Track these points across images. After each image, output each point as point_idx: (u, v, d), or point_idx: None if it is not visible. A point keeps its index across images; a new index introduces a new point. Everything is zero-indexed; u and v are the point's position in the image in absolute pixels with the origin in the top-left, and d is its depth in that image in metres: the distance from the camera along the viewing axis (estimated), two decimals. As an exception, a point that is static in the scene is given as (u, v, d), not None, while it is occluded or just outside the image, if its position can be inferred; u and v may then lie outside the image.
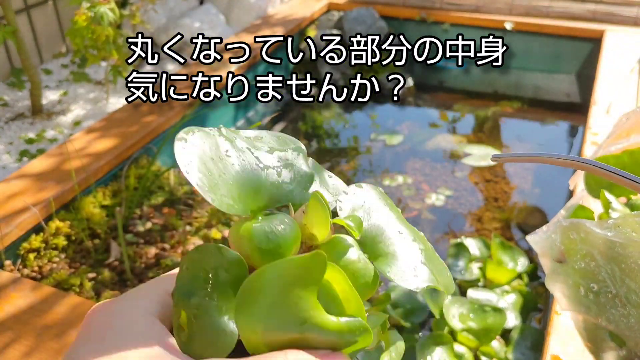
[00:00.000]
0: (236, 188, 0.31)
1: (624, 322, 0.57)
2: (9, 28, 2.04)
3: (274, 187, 0.32)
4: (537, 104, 2.89)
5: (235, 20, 3.25)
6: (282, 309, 0.27)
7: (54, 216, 1.54)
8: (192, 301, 0.28)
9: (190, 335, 0.28)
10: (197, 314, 0.28)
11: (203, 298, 0.28)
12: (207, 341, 0.27)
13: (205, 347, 0.27)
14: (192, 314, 0.28)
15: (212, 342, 0.27)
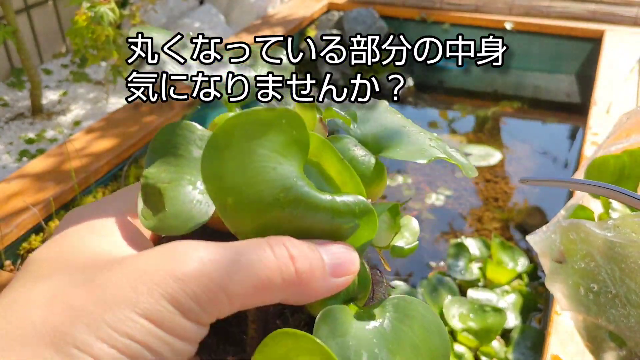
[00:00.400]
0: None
1: (624, 322, 0.57)
2: (9, 28, 2.04)
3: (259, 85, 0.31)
4: (537, 104, 2.89)
5: (235, 20, 3.25)
6: (255, 173, 0.23)
7: (54, 216, 1.54)
8: (163, 177, 0.25)
9: (160, 210, 0.25)
10: (167, 187, 0.25)
11: (174, 173, 0.26)
12: (179, 213, 0.25)
13: (177, 219, 0.24)
14: (161, 188, 0.25)
15: (184, 216, 0.24)
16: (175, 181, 0.25)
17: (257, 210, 0.23)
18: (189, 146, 0.26)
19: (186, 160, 0.26)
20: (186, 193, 0.25)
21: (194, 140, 0.27)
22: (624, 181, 0.67)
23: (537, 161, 2.39)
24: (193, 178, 0.26)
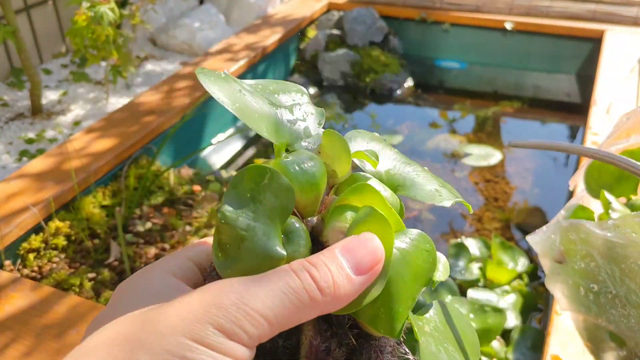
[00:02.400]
0: (261, 121, 0.31)
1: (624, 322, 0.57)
2: (8, 28, 2.03)
3: (290, 123, 0.33)
4: (537, 104, 2.89)
5: (235, 20, 3.25)
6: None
7: (54, 216, 1.54)
8: (240, 222, 0.27)
9: (233, 257, 0.27)
10: (244, 236, 0.27)
11: (250, 220, 0.27)
12: (252, 264, 0.27)
13: (249, 270, 0.27)
14: (238, 234, 0.27)
15: (258, 266, 0.27)
16: (252, 230, 0.27)
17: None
18: (267, 193, 0.28)
19: (263, 207, 0.28)
20: (261, 246, 0.27)
21: (274, 189, 0.28)
22: (624, 181, 0.67)
23: (537, 161, 2.39)
24: (267, 228, 0.28)
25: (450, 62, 3.19)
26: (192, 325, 0.24)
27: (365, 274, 0.27)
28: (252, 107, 0.31)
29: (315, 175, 0.30)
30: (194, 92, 2.15)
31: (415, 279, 0.29)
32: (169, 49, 3.04)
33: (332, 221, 0.30)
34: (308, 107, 0.34)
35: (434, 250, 0.31)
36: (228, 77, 0.33)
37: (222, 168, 2.25)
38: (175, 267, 0.31)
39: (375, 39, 3.05)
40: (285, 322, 0.26)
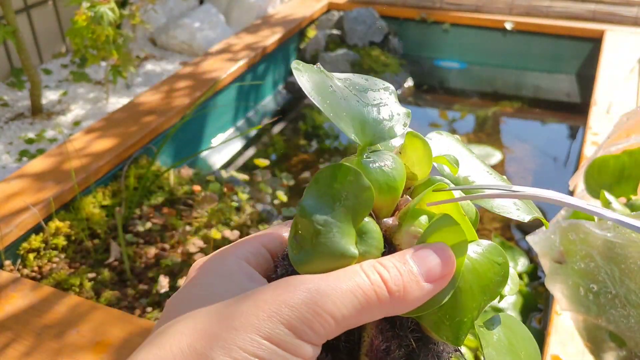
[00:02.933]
0: (349, 119, 0.31)
1: (624, 323, 0.57)
2: (8, 28, 2.03)
3: (376, 123, 0.33)
4: (537, 104, 2.89)
5: (235, 20, 3.25)
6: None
7: (54, 216, 1.54)
8: (318, 217, 0.28)
9: (307, 251, 0.28)
10: (320, 231, 0.28)
11: (328, 216, 0.28)
12: (324, 261, 0.28)
13: (320, 265, 0.27)
14: (314, 229, 0.28)
15: (330, 263, 0.27)
16: (328, 226, 0.28)
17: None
18: (349, 192, 0.28)
19: (342, 206, 0.28)
20: (335, 243, 0.28)
21: (354, 188, 0.28)
22: (624, 181, 0.67)
23: (537, 161, 2.39)
24: (343, 226, 0.28)
25: (450, 62, 3.19)
26: (264, 323, 0.25)
27: (435, 282, 0.28)
28: (341, 106, 0.32)
29: (395, 177, 0.30)
30: (194, 92, 2.15)
31: (484, 290, 0.30)
32: (169, 49, 3.04)
33: (406, 225, 0.30)
34: (395, 106, 0.34)
35: (506, 264, 0.31)
36: (320, 72, 0.33)
37: (222, 168, 2.25)
38: (249, 253, 0.32)
39: (375, 39, 3.05)
40: (353, 322, 0.27)
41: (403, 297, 0.27)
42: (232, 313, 0.26)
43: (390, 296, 0.27)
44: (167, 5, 3.12)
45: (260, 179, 1.86)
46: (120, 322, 1.18)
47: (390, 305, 0.27)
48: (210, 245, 1.56)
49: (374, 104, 0.34)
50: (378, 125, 0.32)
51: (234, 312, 0.26)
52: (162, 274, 1.46)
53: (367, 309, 0.27)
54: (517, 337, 0.32)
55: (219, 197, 1.74)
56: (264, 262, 0.32)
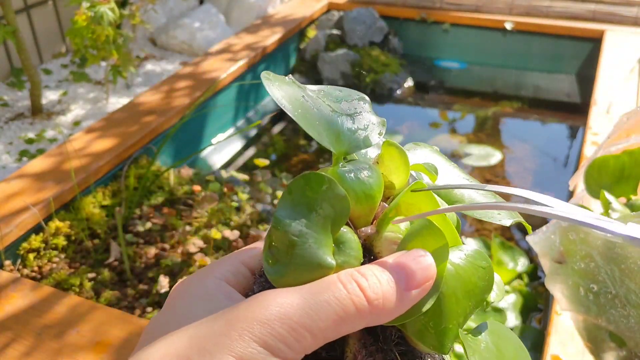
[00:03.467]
0: (322, 128, 0.31)
1: (624, 323, 0.57)
2: (8, 28, 2.03)
3: (350, 132, 0.32)
4: (537, 104, 2.89)
5: (235, 20, 3.25)
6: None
7: (54, 216, 1.54)
8: (292, 227, 0.27)
9: (282, 263, 0.27)
10: (295, 242, 0.27)
11: (303, 227, 0.27)
12: (301, 272, 0.27)
13: (297, 278, 0.27)
14: (289, 241, 0.27)
15: (307, 275, 0.27)
16: (304, 237, 0.27)
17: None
18: (323, 202, 0.28)
19: (317, 215, 0.28)
20: (312, 254, 0.27)
21: (329, 198, 0.28)
22: (624, 181, 0.67)
23: (537, 161, 2.39)
24: (319, 237, 0.27)
25: (450, 62, 3.19)
26: (237, 342, 0.24)
27: (416, 289, 0.27)
28: (314, 115, 0.31)
29: (372, 186, 0.30)
30: (194, 92, 2.15)
31: (469, 296, 0.29)
32: (169, 49, 3.04)
33: (385, 232, 0.29)
34: (369, 116, 0.34)
35: (490, 269, 0.30)
36: (292, 83, 0.33)
37: (222, 168, 2.25)
38: (229, 273, 0.31)
39: (375, 39, 3.05)
40: (330, 334, 0.26)
41: (382, 306, 0.26)
42: (204, 334, 0.25)
43: (369, 305, 0.26)
44: (167, 5, 3.12)
45: (260, 179, 1.86)
46: (120, 322, 1.18)
47: (370, 315, 0.26)
48: (210, 245, 1.56)
49: (348, 113, 0.33)
50: (353, 135, 0.32)
51: (205, 333, 0.25)
52: (162, 274, 1.46)
53: (346, 320, 0.26)
54: (507, 345, 0.31)
55: (219, 197, 1.74)
56: (244, 280, 0.31)
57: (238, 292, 0.30)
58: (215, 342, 0.25)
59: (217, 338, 0.25)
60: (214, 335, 0.25)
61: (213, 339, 0.25)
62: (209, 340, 0.25)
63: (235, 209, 1.72)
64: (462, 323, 0.29)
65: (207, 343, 0.25)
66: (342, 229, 0.29)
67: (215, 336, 0.25)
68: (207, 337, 0.25)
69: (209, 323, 0.26)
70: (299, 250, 0.27)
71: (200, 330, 0.26)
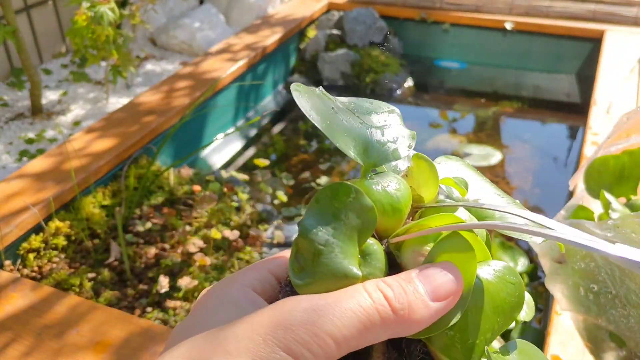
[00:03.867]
0: (350, 140, 0.31)
1: (624, 323, 0.57)
2: (8, 28, 2.04)
3: (379, 145, 0.32)
4: (537, 104, 2.89)
5: (235, 20, 3.25)
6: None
7: (54, 216, 1.54)
8: (319, 236, 0.27)
9: (308, 272, 0.27)
10: (321, 251, 0.27)
11: (330, 236, 0.27)
12: (326, 282, 0.27)
13: (322, 287, 0.27)
14: (315, 249, 0.27)
15: (332, 284, 0.27)
16: (330, 246, 0.27)
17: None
18: (350, 212, 0.28)
19: (344, 225, 0.28)
20: (337, 264, 0.27)
21: (356, 208, 0.28)
22: (624, 181, 0.67)
23: (537, 161, 2.39)
24: (345, 247, 0.27)
25: (450, 62, 3.19)
26: (260, 347, 0.24)
27: (442, 301, 0.27)
28: (342, 126, 0.31)
29: (400, 199, 0.30)
30: (194, 92, 2.15)
31: (497, 312, 0.29)
32: (169, 49, 3.04)
33: (412, 245, 0.29)
34: (399, 128, 0.34)
35: (520, 284, 0.29)
36: (322, 95, 0.33)
37: (222, 168, 2.25)
38: (255, 281, 0.31)
39: (375, 39, 3.05)
40: (354, 343, 0.25)
41: (408, 316, 0.26)
42: (226, 337, 0.25)
43: (394, 315, 0.26)
44: (167, 5, 3.12)
45: (260, 179, 1.86)
46: (120, 322, 1.18)
47: (395, 325, 0.26)
48: (210, 245, 1.56)
49: (377, 126, 0.33)
50: (382, 147, 0.32)
51: (228, 336, 0.25)
52: (162, 274, 1.46)
53: (370, 329, 0.25)
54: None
55: (219, 197, 1.74)
56: (270, 289, 0.31)
57: (264, 300, 0.30)
58: (237, 346, 0.25)
59: (241, 342, 0.25)
60: (236, 339, 0.25)
61: (235, 342, 0.25)
62: (231, 343, 0.25)
63: (235, 209, 1.72)
64: (490, 339, 0.29)
65: (230, 345, 0.25)
66: (368, 240, 0.29)
67: (237, 340, 0.25)
68: (230, 339, 0.25)
69: (233, 326, 0.26)
70: (324, 259, 0.27)
71: (223, 333, 0.26)
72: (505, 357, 0.30)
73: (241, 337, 0.25)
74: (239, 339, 0.25)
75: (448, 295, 0.27)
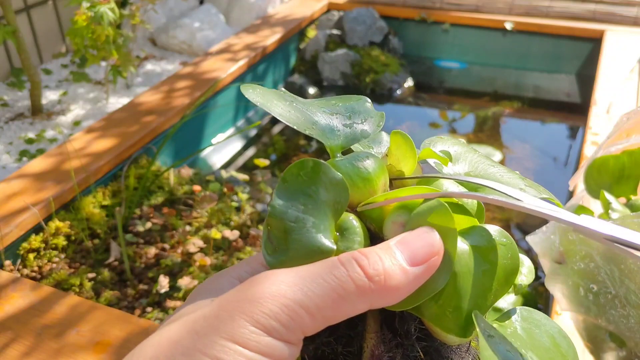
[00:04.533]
0: (311, 123, 0.31)
1: (624, 323, 0.57)
2: (8, 28, 2.04)
3: (346, 127, 0.32)
4: (537, 104, 2.89)
5: (235, 20, 3.25)
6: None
7: (54, 216, 1.54)
8: (289, 214, 0.27)
9: (281, 250, 0.26)
10: (292, 227, 0.26)
11: (300, 212, 0.27)
12: (300, 258, 0.26)
13: (296, 263, 0.26)
14: (286, 226, 0.26)
15: (306, 260, 0.26)
16: (301, 222, 0.26)
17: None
18: (319, 187, 0.27)
19: (314, 201, 0.27)
20: (309, 238, 0.26)
21: (324, 183, 0.27)
22: (624, 181, 0.67)
23: (537, 161, 2.39)
24: (317, 221, 0.27)
25: (450, 62, 3.19)
26: (226, 323, 0.23)
27: (420, 265, 0.26)
28: (305, 114, 0.31)
29: (369, 170, 0.29)
30: (194, 92, 2.15)
31: (489, 274, 0.27)
32: (169, 49, 3.04)
33: (391, 215, 0.29)
34: (368, 112, 0.33)
35: (512, 245, 0.28)
36: (283, 93, 0.33)
37: (222, 168, 2.26)
38: (245, 273, 0.30)
39: (375, 39, 3.05)
40: (330, 314, 0.24)
41: (385, 283, 0.25)
42: (197, 318, 0.25)
43: (370, 282, 0.25)
44: (167, 5, 3.12)
45: (260, 179, 1.86)
46: (120, 322, 1.18)
47: (372, 294, 0.25)
48: (210, 245, 1.56)
49: (343, 112, 0.33)
50: (349, 128, 0.32)
51: (197, 317, 0.25)
52: (162, 274, 1.46)
53: (345, 298, 0.24)
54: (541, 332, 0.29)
55: (219, 197, 1.74)
56: None
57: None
58: (204, 325, 0.24)
59: (208, 320, 0.24)
60: (204, 318, 0.24)
61: (204, 321, 0.24)
62: (200, 323, 0.24)
63: (235, 209, 1.72)
64: (484, 305, 0.27)
65: (198, 326, 0.24)
66: (349, 217, 0.28)
67: (207, 319, 0.24)
68: (199, 320, 0.25)
69: (204, 309, 0.25)
70: (296, 235, 0.26)
71: (193, 316, 0.25)
72: (503, 324, 0.29)
73: (209, 316, 0.24)
74: (206, 318, 0.24)
75: (427, 258, 0.26)
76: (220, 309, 0.24)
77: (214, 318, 0.24)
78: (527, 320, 0.29)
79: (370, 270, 0.25)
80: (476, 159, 0.35)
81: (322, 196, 0.27)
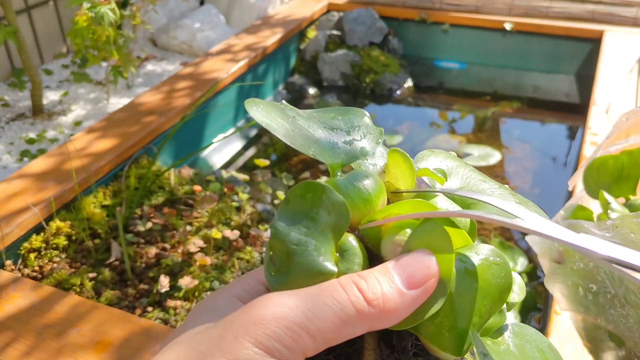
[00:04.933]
0: (312, 142, 0.31)
1: (623, 322, 0.58)
2: (9, 28, 2.04)
3: (346, 144, 0.32)
4: (537, 104, 2.89)
5: (235, 20, 3.25)
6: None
7: (55, 216, 1.54)
8: (292, 237, 0.27)
9: (283, 272, 0.27)
10: (295, 250, 0.27)
11: (302, 235, 0.27)
12: (302, 280, 0.27)
13: (297, 285, 0.27)
14: (288, 249, 0.27)
15: (307, 282, 0.27)
16: (303, 245, 0.27)
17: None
18: (321, 210, 0.28)
19: (316, 224, 0.28)
20: (311, 261, 0.27)
21: (327, 205, 0.28)
22: (623, 181, 0.68)
23: (537, 161, 2.39)
24: (319, 244, 0.27)
25: (450, 62, 3.19)
26: (231, 344, 0.24)
27: (417, 288, 0.26)
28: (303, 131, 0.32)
29: (369, 191, 0.30)
30: (194, 92, 2.16)
31: (484, 294, 0.28)
32: (170, 50, 3.04)
33: (389, 237, 0.29)
34: (367, 128, 0.34)
35: (506, 265, 0.29)
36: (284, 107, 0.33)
37: (222, 168, 2.26)
38: (242, 290, 0.31)
39: (375, 40, 3.05)
40: (331, 337, 0.25)
41: (383, 306, 0.26)
42: (201, 339, 0.25)
43: (369, 306, 0.25)
44: (167, 5, 3.12)
45: (261, 179, 1.86)
46: (121, 321, 1.18)
47: (372, 317, 0.26)
48: (210, 245, 1.57)
49: (343, 128, 0.33)
50: (349, 146, 0.32)
51: (203, 338, 0.25)
52: (162, 274, 1.47)
53: (346, 322, 0.25)
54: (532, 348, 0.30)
55: (219, 197, 1.74)
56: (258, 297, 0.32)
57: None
58: (210, 346, 0.25)
59: (213, 341, 0.25)
60: (210, 339, 0.25)
61: (209, 342, 0.25)
62: (205, 344, 0.25)
63: (236, 209, 1.72)
64: (478, 323, 0.28)
65: (204, 347, 0.25)
66: (348, 238, 0.29)
67: (210, 340, 0.25)
68: (204, 341, 0.25)
69: (207, 329, 0.26)
70: (299, 258, 0.27)
71: (198, 337, 0.26)
72: (496, 341, 0.30)
73: (213, 337, 0.25)
74: (211, 339, 0.25)
75: (424, 282, 0.27)
76: (224, 330, 0.25)
77: (219, 339, 0.25)
78: (518, 336, 0.31)
79: (369, 294, 0.26)
80: (467, 174, 0.36)
81: (324, 218, 0.28)
